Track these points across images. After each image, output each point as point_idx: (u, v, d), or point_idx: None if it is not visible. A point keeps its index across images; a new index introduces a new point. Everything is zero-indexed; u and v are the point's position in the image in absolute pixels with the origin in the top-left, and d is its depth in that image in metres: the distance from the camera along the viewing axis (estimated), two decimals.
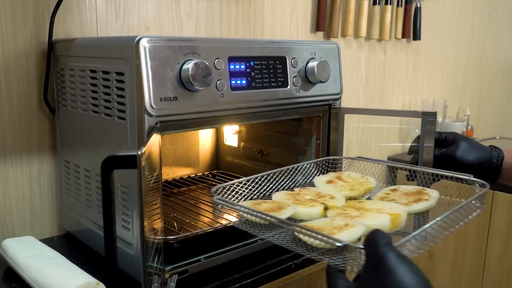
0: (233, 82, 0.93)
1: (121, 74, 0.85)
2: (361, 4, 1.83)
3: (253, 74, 0.97)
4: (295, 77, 1.04)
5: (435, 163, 1.01)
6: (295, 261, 1.05)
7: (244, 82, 0.95)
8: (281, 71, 1.02)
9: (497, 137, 2.70)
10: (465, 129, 2.31)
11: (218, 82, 0.90)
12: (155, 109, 0.82)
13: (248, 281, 0.97)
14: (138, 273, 0.87)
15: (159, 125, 0.83)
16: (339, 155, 1.16)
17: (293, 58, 1.04)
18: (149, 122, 0.82)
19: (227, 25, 1.46)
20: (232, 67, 0.93)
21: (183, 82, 0.84)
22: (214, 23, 1.42)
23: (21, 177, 1.12)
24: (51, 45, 1.09)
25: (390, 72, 2.09)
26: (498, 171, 0.97)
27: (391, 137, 2.17)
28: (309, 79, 1.06)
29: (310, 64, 1.05)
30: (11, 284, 0.93)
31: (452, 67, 2.45)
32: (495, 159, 0.97)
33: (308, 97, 1.07)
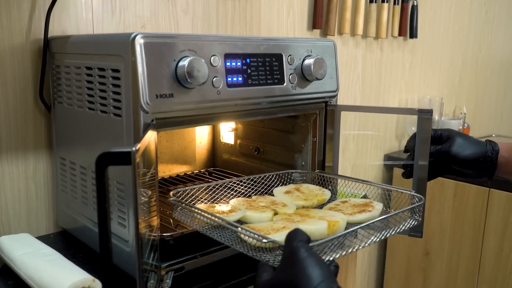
0: (229, 79, 0.93)
1: (117, 71, 0.85)
2: (357, 1, 1.83)
3: (249, 71, 0.97)
4: (291, 74, 1.04)
5: (431, 160, 1.01)
6: None
7: (240, 79, 0.95)
8: (277, 68, 1.02)
9: (493, 135, 2.71)
10: (461, 127, 2.31)
11: (214, 79, 0.90)
12: (151, 106, 0.82)
13: (244, 277, 0.97)
14: (134, 270, 0.87)
15: (155, 122, 0.83)
16: (335, 152, 1.17)
17: (289, 56, 1.04)
18: (145, 119, 0.82)
19: (224, 22, 1.46)
20: (228, 64, 0.93)
21: (179, 79, 0.84)
22: (210, 20, 1.42)
23: (17, 175, 1.12)
24: (47, 42, 1.08)
25: (387, 70, 2.09)
26: (494, 165, 0.97)
27: (387, 134, 2.17)
28: (305, 76, 1.06)
29: (307, 62, 1.05)
30: (7, 281, 0.93)
31: (448, 65, 2.46)
32: (490, 153, 0.97)
33: (304, 94, 1.07)
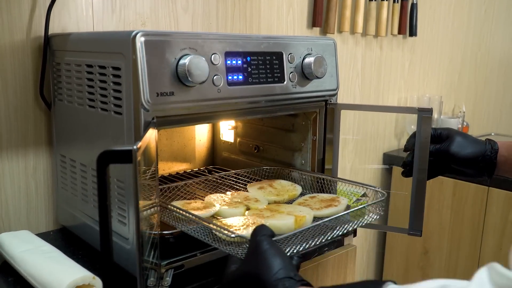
0: (229, 78, 0.93)
1: (118, 69, 0.85)
2: (357, 0, 1.83)
3: (249, 69, 0.97)
4: (291, 72, 1.04)
5: (430, 159, 1.02)
6: None
7: (240, 77, 0.95)
8: (277, 66, 1.02)
9: (493, 133, 2.72)
10: (460, 126, 2.31)
11: (215, 77, 0.90)
12: (152, 104, 0.82)
13: None
14: (134, 268, 0.88)
15: (155, 120, 0.83)
16: (335, 151, 1.17)
17: (289, 54, 1.04)
18: (146, 117, 0.82)
19: (224, 20, 1.46)
20: (228, 62, 0.93)
21: (179, 77, 0.84)
22: (210, 18, 1.42)
23: (17, 172, 1.12)
24: (47, 39, 1.08)
25: (386, 68, 2.09)
26: (493, 164, 0.97)
27: (386, 133, 2.17)
28: (305, 74, 1.06)
29: (307, 60, 1.05)
30: (7, 278, 0.93)
31: (448, 64, 2.46)
32: (489, 152, 0.97)
33: (304, 92, 1.07)
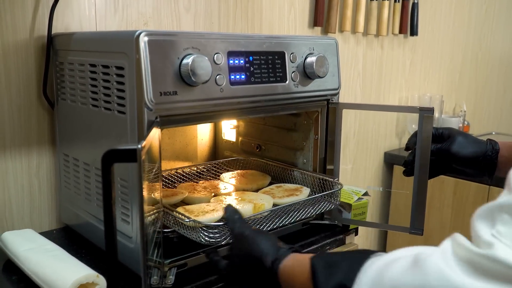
0: (232, 77, 0.94)
1: (121, 68, 0.85)
2: None
3: (252, 69, 0.97)
4: (293, 72, 1.04)
5: (432, 159, 1.02)
6: None
7: (243, 77, 0.96)
8: (279, 66, 1.02)
9: (493, 132, 2.72)
10: (461, 125, 2.32)
11: (218, 77, 0.91)
12: (155, 103, 0.82)
13: None
14: (138, 266, 0.88)
15: (158, 119, 0.84)
16: (337, 149, 1.17)
17: (291, 53, 1.04)
18: (149, 116, 0.83)
19: (226, 19, 1.46)
20: (231, 62, 0.94)
21: (182, 76, 0.85)
22: (212, 17, 1.42)
23: (20, 171, 1.12)
24: (51, 39, 1.09)
25: (387, 68, 2.10)
26: (494, 164, 0.98)
27: (387, 132, 2.18)
28: (307, 74, 1.06)
29: (309, 60, 1.06)
30: (11, 277, 0.94)
31: (448, 63, 2.46)
32: (490, 152, 0.98)
33: (306, 92, 1.08)
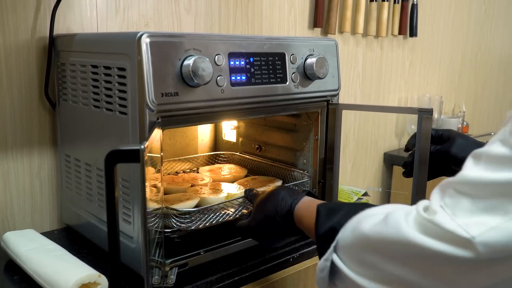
0: (233, 78, 0.94)
1: (123, 69, 0.86)
2: (358, 0, 1.84)
3: (252, 70, 0.98)
4: (293, 73, 1.05)
5: (431, 160, 1.02)
6: (292, 255, 1.07)
7: (243, 78, 0.96)
8: (280, 67, 1.03)
9: (492, 133, 2.72)
10: (460, 125, 2.32)
11: (218, 78, 0.91)
12: (156, 104, 0.83)
13: (246, 274, 0.98)
14: (139, 266, 0.89)
15: (160, 120, 0.84)
16: (336, 150, 1.18)
17: (292, 55, 1.05)
18: (150, 117, 0.83)
19: (226, 20, 1.47)
20: (232, 63, 0.94)
21: (184, 77, 0.85)
22: (213, 18, 1.43)
23: (21, 171, 1.13)
24: (52, 40, 1.09)
25: (387, 69, 2.10)
26: None
27: (387, 133, 2.18)
28: (307, 75, 1.07)
29: (309, 61, 1.06)
30: (12, 277, 0.94)
31: (448, 64, 2.47)
32: None
33: (306, 93, 1.08)
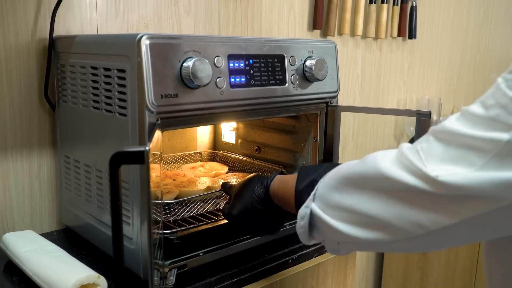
0: (232, 80, 0.94)
1: (123, 71, 0.86)
2: (357, 2, 1.85)
3: (252, 72, 0.98)
4: (293, 75, 1.05)
5: None
6: (291, 256, 1.07)
7: (243, 79, 0.96)
8: (279, 69, 1.03)
9: None
10: None
11: (218, 80, 0.92)
12: (156, 105, 0.83)
13: (246, 275, 0.98)
14: (138, 267, 0.89)
15: (159, 122, 0.84)
16: (335, 152, 1.18)
17: (291, 56, 1.05)
18: (150, 119, 0.83)
19: (225, 22, 1.47)
20: (231, 65, 0.94)
21: (183, 79, 0.86)
22: (212, 20, 1.43)
23: (21, 172, 1.13)
24: (52, 41, 1.10)
25: (386, 70, 2.11)
26: None
27: (386, 134, 2.19)
28: (306, 77, 1.07)
29: (308, 62, 1.07)
30: (12, 278, 0.94)
31: (447, 65, 2.47)
32: None
33: (305, 95, 1.09)
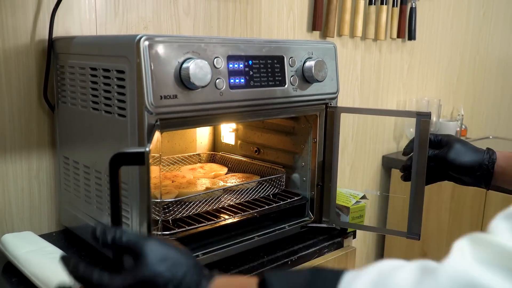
0: (231, 81, 0.94)
1: (122, 72, 0.86)
2: (357, 4, 1.85)
3: (251, 73, 0.98)
4: (292, 76, 1.05)
5: (428, 164, 1.03)
6: (291, 257, 1.07)
7: (242, 80, 0.96)
8: (279, 70, 1.03)
9: (491, 136, 2.73)
10: (459, 129, 2.33)
11: (217, 81, 0.92)
12: (155, 106, 0.83)
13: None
14: None
15: (159, 123, 0.84)
16: (335, 153, 1.18)
17: (290, 58, 1.05)
18: (149, 120, 0.83)
19: (225, 23, 1.47)
20: (231, 66, 0.94)
21: (183, 80, 0.86)
22: (211, 21, 1.43)
23: (20, 173, 1.13)
24: (51, 42, 1.10)
25: (385, 72, 2.11)
26: (490, 173, 0.98)
27: (385, 136, 2.19)
28: (306, 78, 1.07)
29: (308, 64, 1.06)
30: (11, 279, 0.94)
31: (446, 67, 2.47)
32: (486, 161, 0.98)
33: (305, 96, 1.09)
